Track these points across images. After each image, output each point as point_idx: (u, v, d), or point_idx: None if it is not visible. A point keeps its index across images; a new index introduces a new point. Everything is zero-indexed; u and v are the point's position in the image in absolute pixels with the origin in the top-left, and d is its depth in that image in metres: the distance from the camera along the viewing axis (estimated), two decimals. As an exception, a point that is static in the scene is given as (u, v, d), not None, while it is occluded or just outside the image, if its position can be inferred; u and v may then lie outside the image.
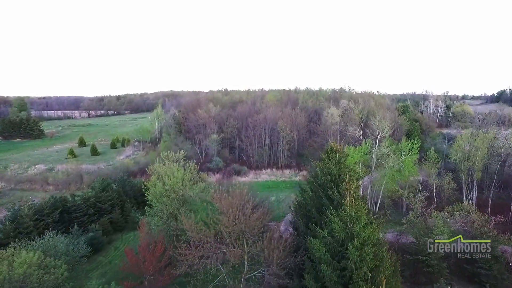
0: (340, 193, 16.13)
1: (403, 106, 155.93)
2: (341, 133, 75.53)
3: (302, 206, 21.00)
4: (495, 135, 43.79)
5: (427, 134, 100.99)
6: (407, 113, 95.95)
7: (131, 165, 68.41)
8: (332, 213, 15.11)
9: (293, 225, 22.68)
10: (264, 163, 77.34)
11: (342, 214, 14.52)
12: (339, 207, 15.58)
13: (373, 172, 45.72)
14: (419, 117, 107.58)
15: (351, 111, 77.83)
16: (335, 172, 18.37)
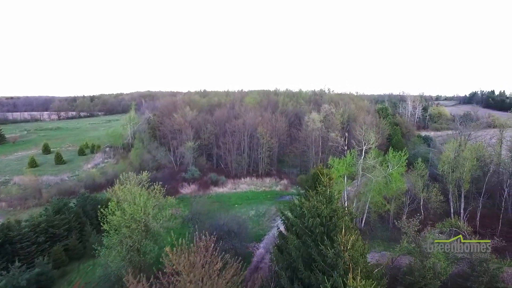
0: (334, 248, 12.52)
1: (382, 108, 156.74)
2: (323, 139, 72.84)
3: (284, 252, 17.07)
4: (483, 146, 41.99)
5: (407, 137, 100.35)
6: (387, 116, 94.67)
7: (98, 176, 62.58)
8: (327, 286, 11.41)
9: (273, 274, 18.56)
10: (244, 171, 73.42)
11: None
12: (335, 267, 12.00)
13: (358, 185, 42.84)
14: (399, 120, 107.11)
15: (332, 116, 75.29)
16: (325, 213, 14.81)
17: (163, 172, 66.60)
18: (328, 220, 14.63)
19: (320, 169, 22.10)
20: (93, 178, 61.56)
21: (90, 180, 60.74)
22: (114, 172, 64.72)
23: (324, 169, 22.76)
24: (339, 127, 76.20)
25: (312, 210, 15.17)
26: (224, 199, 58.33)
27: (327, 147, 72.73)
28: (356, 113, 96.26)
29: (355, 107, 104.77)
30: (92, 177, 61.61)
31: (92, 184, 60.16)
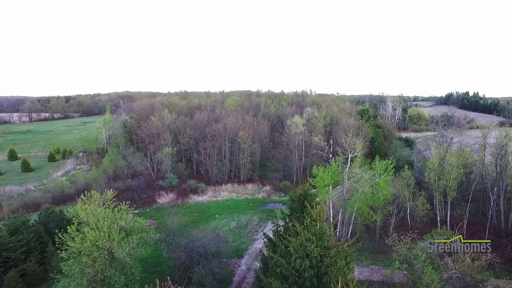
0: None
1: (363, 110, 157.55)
2: (306, 143, 71.07)
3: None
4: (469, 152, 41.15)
5: (389, 140, 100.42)
6: (369, 119, 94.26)
7: (67, 186, 58.09)
8: None
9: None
10: (225, 178, 70.60)
11: None
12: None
13: (344, 194, 41.01)
14: (381, 123, 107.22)
15: (315, 119, 73.67)
16: (316, 253, 12.45)
17: (139, 180, 62.74)
18: (318, 261, 12.31)
19: (307, 190, 19.71)
20: (62, 188, 57.08)
21: (58, 190, 56.25)
22: (85, 181, 60.49)
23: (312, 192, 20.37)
24: (322, 130, 74.69)
25: (299, 250, 12.76)
26: (203, 209, 55.32)
27: (310, 151, 71.03)
28: (339, 116, 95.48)
29: (337, 109, 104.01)
30: (60, 187, 57.11)
31: (60, 196, 55.72)
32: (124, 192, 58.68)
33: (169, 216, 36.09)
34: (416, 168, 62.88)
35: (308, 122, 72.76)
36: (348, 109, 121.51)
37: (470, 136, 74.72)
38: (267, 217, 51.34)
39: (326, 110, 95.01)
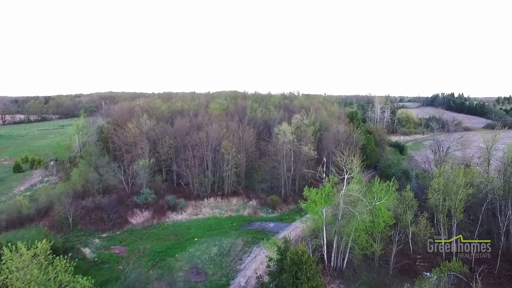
0: None
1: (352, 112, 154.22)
2: (295, 153, 66.12)
3: None
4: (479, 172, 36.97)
5: (380, 146, 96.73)
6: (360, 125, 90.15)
7: (25, 206, 51.18)
8: None
9: None
10: (207, 191, 64.89)
11: None
12: None
13: (339, 221, 36.07)
14: (372, 128, 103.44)
15: (304, 127, 68.78)
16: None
17: (110, 197, 56.27)
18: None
19: (302, 255, 14.51)
20: (19, 208, 50.20)
21: (14, 211, 49.35)
22: (48, 200, 53.66)
23: (308, 256, 15.11)
24: (312, 138, 69.87)
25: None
26: (182, 230, 49.53)
27: (299, 161, 66.12)
28: (328, 121, 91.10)
29: (327, 114, 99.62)
30: (17, 207, 50.21)
31: (16, 218, 48.85)
32: (93, 211, 52.29)
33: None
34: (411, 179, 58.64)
35: (296, 130, 67.82)
36: (337, 113, 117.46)
37: (470, 146, 71.33)
38: (252, 240, 45.98)
39: (315, 115, 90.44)
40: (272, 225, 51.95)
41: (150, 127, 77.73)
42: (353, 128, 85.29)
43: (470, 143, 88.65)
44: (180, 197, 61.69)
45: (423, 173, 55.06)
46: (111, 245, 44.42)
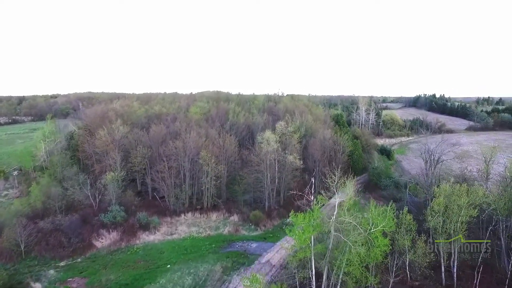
0: None
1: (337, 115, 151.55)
2: (280, 163, 61.65)
3: None
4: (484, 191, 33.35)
5: (368, 151, 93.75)
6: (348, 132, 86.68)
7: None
8: None
9: None
10: (185, 205, 59.58)
11: None
12: None
13: (330, 250, 31.66)
14: (358, 133, 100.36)
15: (289, 135, 64.45)
16: None
17: (72, 216, 50.06)
18: None
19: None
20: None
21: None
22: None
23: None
24: (297, 146, 65.63)
25: None
26: (153, 255, 44.05)
27: (284, 171, 61.70)
28: (314, 126, 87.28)
29: (312, 118, 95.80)
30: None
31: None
32: (51, 234, 46.06)
33: None
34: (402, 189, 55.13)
35: (281, 137, 63.39)
36: (323, 116, 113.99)
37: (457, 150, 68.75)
38: (232, 265, 41.13)
39: (300, 119, 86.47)
40: (255, 245, 47.22)
41: (123, 135, 71.64)
42: (339, 133, 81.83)
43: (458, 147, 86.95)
44: (154, 214, 56.22)
45: (415, 186, 51.55)
46: (68, 276, 38.54)
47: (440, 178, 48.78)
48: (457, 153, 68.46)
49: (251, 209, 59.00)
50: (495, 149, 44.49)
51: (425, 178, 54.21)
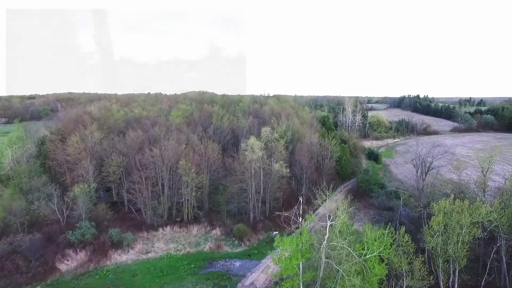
0: None
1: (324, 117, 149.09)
2: (265, 171, 58.03)
3: None
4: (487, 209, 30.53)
5: (356, 155, 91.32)
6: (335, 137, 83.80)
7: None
8: None
9: None
10: (163, 219, 55.16)
11: None
12: None
13: (320, 278, 28.21)
14: (346, 136, 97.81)
15: (275, 141, 60.92)
16: None
17: (34, 235, 44.86)
18: None
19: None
20: None
21: None
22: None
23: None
24: (284, 153, 62.17)
25: None
26: (124, 279, 39.64)
27: (270, 180, 58.12)
28: (301, 131, 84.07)
29: (299, 122, 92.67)
30: None
31: None
32: (8, 257, 40.79)
33: None
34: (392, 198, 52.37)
35: (267, 143, 59.80)
36: (309, 119, 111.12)
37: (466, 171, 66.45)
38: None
39: (287, 123, 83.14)
40: (239, 264, 43.46)
41: (97, 141, 66.48)
42: (327, 137, 79.00)
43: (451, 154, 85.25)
44: (129, 228, 51.64)
45: (408, 198, 48.83)
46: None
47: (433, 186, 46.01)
48: (449, 159, 66.36)
49: (235, 221, 55.25)
50: (492, 158, 41.93)
51: (417, 187, 51.68)
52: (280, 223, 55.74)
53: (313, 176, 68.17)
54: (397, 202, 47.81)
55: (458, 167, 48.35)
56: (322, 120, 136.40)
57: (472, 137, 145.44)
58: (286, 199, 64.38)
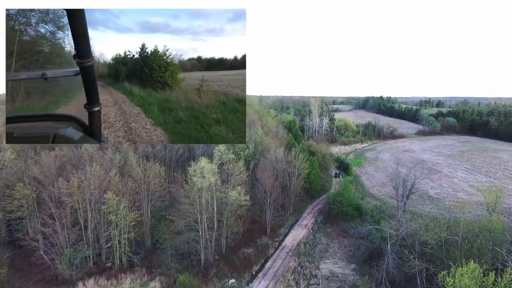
0: None
1: (290, 122, 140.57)
2: (220, 200, 47.03)
3: None
4: None
5: (325, 168, 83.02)
6: (303, 150, 74.54)
7: None
8: None
9: None
10: (86, 268, 42.33)
11: None
12: None
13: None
14: (315, 146, 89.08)
15: (233, 162, 50.07)
16: None
17: None
18: None
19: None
20: None
21: None
22: None
23: None
24: (244, 176, 51.51)
25: None
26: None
27: (226, 212, 47.21)
28: (265, 142, 74.12)
29: (263, 131, 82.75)
30: None
31: None
32: None
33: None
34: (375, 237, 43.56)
35: (221, 168, 48.74)
36: (275, 126, 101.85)
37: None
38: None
39: (249, 134, 72.71)
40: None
41: (6, 163, 51.74)
42: (294, 148, 69.81)
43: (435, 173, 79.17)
44: (38, 283, 38.45)
45: (394, 233, 39.94)
46: None
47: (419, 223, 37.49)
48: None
49: (182, 265, 43.86)
50: (499, 193, 34.12)
51: (398, 218, 43.24)
52: (240, 265, 45.83)
53: (278, 199, 58.40)
54: (378, 237, 38.80)
55: (462, 207, 39.60)
56: (288, 126, 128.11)
57: (437, 141, 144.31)
58: (247, 229, 54.07)
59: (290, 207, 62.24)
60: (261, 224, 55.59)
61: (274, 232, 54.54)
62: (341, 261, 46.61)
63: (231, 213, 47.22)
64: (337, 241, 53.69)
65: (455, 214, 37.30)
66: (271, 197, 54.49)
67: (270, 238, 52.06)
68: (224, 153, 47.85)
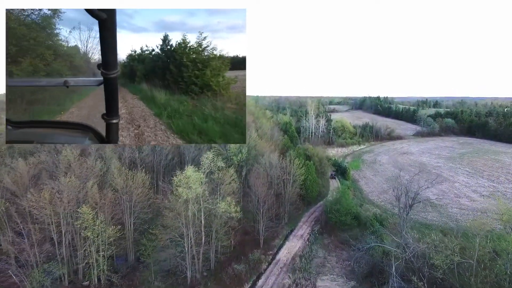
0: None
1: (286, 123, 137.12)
2: (208, 212, 43.31)
3: None
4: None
5: (322, 173, 79.57)
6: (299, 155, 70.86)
7: None
8: None
9: None
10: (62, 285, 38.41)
11: None
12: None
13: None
14: (311, 150, 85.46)
15: (224, 170, 46.30)
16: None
17: None
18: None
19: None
20: None
21: None
22: None
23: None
24: (234, 185, 47.78)
25: None
26: None
27: (215, 225, 43.50)
28: (259, 146, 70.52)
29: (257, 133, 79.16)
30: None
31: None
32: None
33: None
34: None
35: (210, 176, 44.98)
36: (270, 129, 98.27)
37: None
38: None
39: (243, 137, 69.04)
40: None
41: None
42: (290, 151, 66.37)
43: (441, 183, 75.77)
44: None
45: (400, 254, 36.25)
46: None
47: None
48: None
49: (166, 285, 40.11)
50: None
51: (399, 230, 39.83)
52: (229, 283, 42.13)
53: (272, 208, 54.82)
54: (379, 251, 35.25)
55: (480, 227, 35.50)
56: (284, 127, 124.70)
57: (436, 142, 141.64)
58: (239, 241, 50.46)
59: (285, 216, 58.59)
60: (254, 235, 51.92)
61: (267, 244, 50.89)
62: (340, 277, 43.08)
63: (220, 226, 43.49)
64: (335, 253, 50.09)
65: (467, 229, 33.80)
66: (264, 206, 50.83)
67: (263, 251, 48.41)
68: (213, 160, 44.09)
